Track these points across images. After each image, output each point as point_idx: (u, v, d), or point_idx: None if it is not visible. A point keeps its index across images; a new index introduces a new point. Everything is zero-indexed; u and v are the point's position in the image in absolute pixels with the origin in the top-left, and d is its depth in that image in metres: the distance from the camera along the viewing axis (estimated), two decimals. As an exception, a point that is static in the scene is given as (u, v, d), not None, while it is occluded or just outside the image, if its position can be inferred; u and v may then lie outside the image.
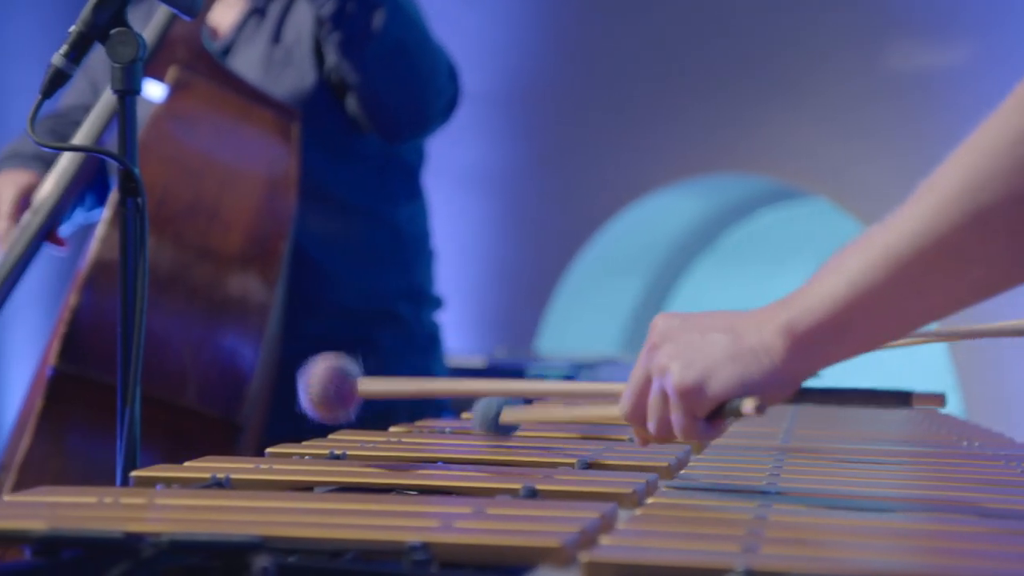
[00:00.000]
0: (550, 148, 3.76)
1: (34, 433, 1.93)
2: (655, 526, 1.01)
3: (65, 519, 0.97)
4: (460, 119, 3.80)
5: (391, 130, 2.19)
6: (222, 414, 1.98)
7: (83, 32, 1.41)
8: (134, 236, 1.45)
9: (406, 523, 1.03)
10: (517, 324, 3.73)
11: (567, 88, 3.76)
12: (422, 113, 2.18)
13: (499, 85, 3.74)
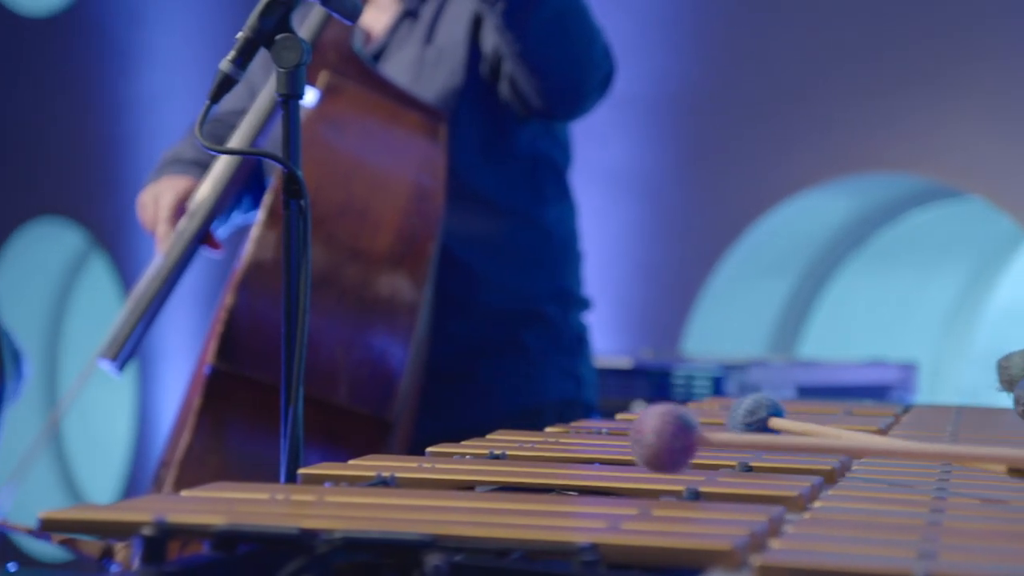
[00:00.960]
0: (697, 149, 3.73)
1: (193, 430, 1.98)
2: (826, 530, 0.99)
3: (241, 515, 1.00)
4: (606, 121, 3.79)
5: (551, 103, 2.18)
6: (373, 412, 2.01)
7: (250, 38, 1.44)
8: (297, 237, 1.48)
9: (573, 523, 1.03)
10: (663, 325, 3.71)
11: (714, 88, 3.73)
12: (581, 85, 2.18)
13: (645, 87, 3.72)
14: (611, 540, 0.92)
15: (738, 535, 0.91)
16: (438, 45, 2.24)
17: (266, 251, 1.95)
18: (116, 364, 2.11)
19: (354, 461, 1.28)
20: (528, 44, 2.11)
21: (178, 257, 2.12)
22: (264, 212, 1.98)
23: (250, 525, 0.96)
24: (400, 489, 1.17)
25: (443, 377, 2.24)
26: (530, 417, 2.31)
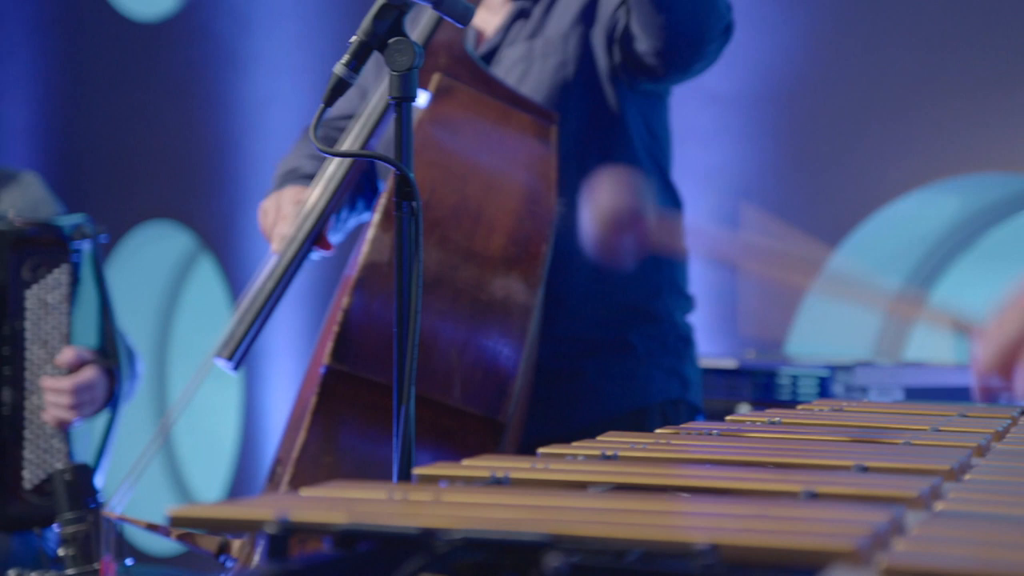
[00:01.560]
0: (802, 148, 3.70)
1: (308, 429, 2.00)
2: (951, 531, 0.98)
3: (361, 514, 1.01)
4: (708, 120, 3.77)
5: (671, 48, 2.16)
6: (487, 413, 2.02)
7: (364, 41, 1.45)
8: (409, 238, 1.49)
9: (690, 524, 1.02)
10: (766, 327, 3.68)
11: (819, 86, 3.69)
12: (704, 30, 2.16)
13: (748, 85, 3.70)
14: (731, 540, 0.91)
15: (860, 535, 0.90)
16: (546, 37, 2.25)
17: (381, 253, 1.97)
18: (232, 363, 2.15)
19: (467, 461, 1.29)
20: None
21: (292, 258, 2.15)
22: (379, 214, 2.00)
23: (371, 524, 0.97)
24: (515, 489, 1.18)
25: (549, 377, 2.25)
26: (636, 418, 2.31)
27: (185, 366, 4.74)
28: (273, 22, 4.32)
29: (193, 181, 4.55)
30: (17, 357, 2.53)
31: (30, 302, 2.54)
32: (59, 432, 2.55)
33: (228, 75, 4.42)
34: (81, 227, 2.58)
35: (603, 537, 0.95)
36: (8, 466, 2.53)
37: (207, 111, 4.48)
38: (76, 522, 2.11)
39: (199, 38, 4.48)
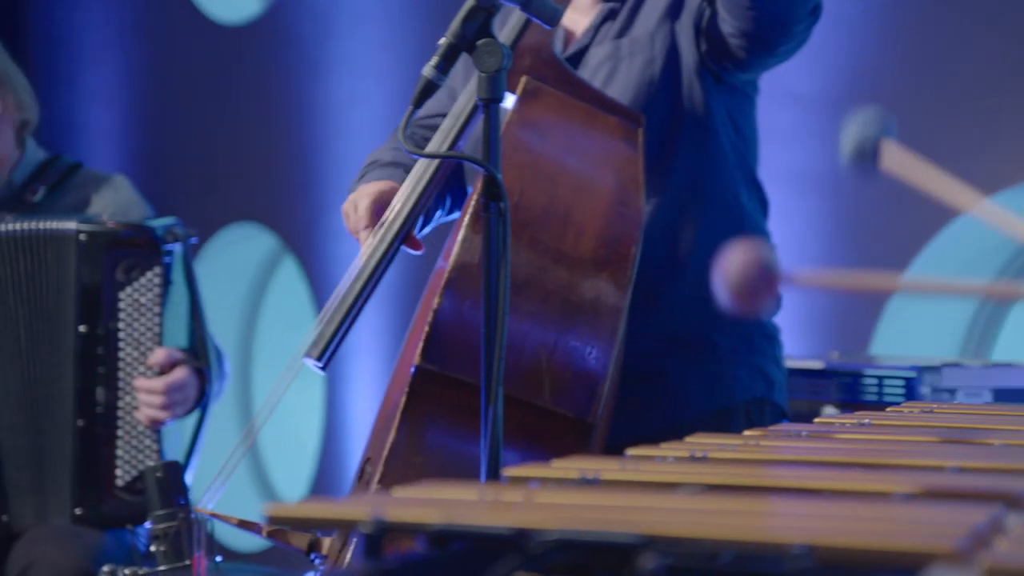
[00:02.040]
0: (886, 146, 3.65)
1: (398, 428, 2.01)
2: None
3: (455, 514, 1.01)
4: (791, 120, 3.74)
5: (760, 25, 2.15)
6: (576, 414, 2.02)
7: (452, 43, 1.46)
8: (497, 239, 1.50)
9: (784, 524, 1.02)
10: (851, 328, 3.65)
11: (903, 85, 3.65)
12: (793, 13, 2.14)
13: (832, 84, 3.67)
14: (827, 541, 0.91)
15: (960, 535, 0.89)
16: (633, 36, 2.24)
17: (471, 254, 1.98)
18: (320, 363, 2.17)
19: (557, 462, 1.29)
20: None
21: (380, 258, 2.17)
22: (470, 215, 2.01)
23: (465, 524, 0.97)
24: (605, 490, 1.18)
25: (634, 377, 2.24)
26: (720, 418, 2.30)
27: (268, 366, 4.79)
28: (355, 24, 4.35)
29: (276, 183, 4.59)
30: (111, 357, 2.57)
31: (124, 303, 2.58)
32: (151, 431, 2.59)
33: (311, 78, 4.46)
34: (173, 229, 2.61)
35: (697, 538, 0.95)
36: (102, 464, 2.58)
37: (290, 114, 4.52)
38: (167, 519, 2.14)
39: (282, 41, 4.52)
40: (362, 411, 4.29)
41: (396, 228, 2.16)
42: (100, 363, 2.56)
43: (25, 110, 2.72)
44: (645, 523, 0.99)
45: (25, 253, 2.58)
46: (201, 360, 2.62)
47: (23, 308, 2.58)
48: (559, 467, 1.27)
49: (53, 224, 2.58)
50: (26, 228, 2.58)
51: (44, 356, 2.58)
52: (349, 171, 4.49)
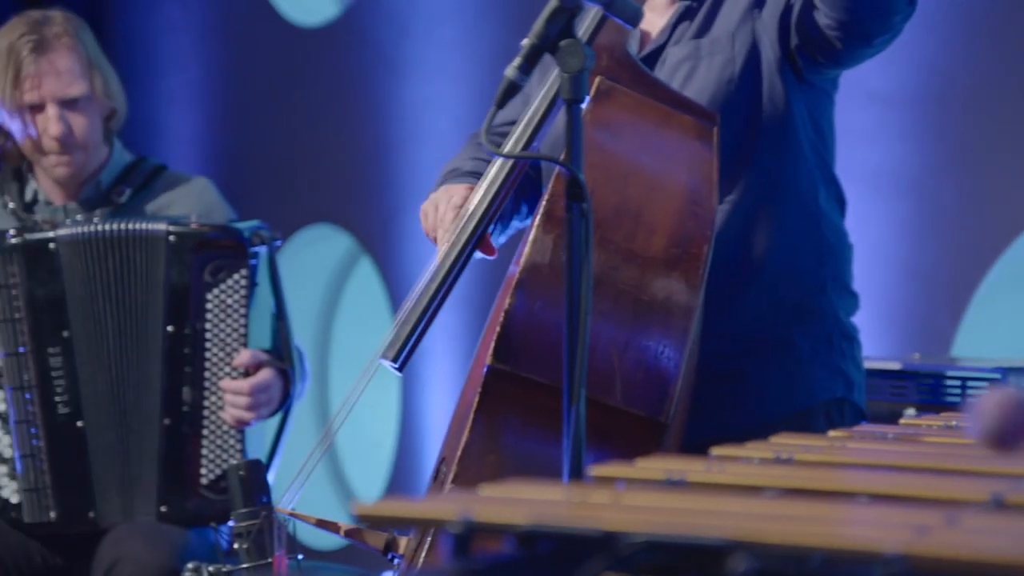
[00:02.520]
0: (967, 146, 3.61)
1: (471, 428, 2.02)
2: None
3: (543, 514, 1.01)
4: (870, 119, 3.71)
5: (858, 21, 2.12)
6: (649, 413, 2.01)
7: (535, 44, 1.46)
8: (579, 239, 1.50)
9: (874, 531, 1.01)
10: (932, 329, 3.60)
11: (984, 83, 3.60)
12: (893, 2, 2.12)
13: (911, 83, 3.63)
14: (920, 550, 0.90)
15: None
16: (713, 36, 2.23)
17: (543, 254, 1.98)
18: (397, 364, 2.18)
19: (641, 461, 1.29)
20: None
21: (455, 259, 2.18)
22: (541, 215, 2.01)
23: (554, 525, 0.97)
24: (692, 491, 1.17)
25: (711, 377, 2.23)
26: (799, 418, 2.28)
27: (344, 366, 4.82)
28: (432, 27, 4.37)
29: (353, 185, 4.62)
30: (197, 357, 2.60)
31: (211, 304, 2.60)
32: (235, 431, 2.61)
33: (387, 80, 4.48)
34: (259, 232, 2.64)
35: (787, 542, 0.95)
36: (186, 462, 2.61)
37: (366, 116, 4.55)
38: (250, 517, 2.16)
39: (359, 43, 4.55)
40: (437, 411, 4.30)
41: (471, 230, 2.17)
42: (187, 363, 2.59)
43: (113, 99, 2.75)
44: (733, 526, 0.98)
45: (114, 253, 2.62)
46: (285, 361, 2.64)
47: (112, 307, 2.62)
48: (644, 467, 1.26)
49: (143, 225, 2.61)
50: (116, 228, 2.61)
51: (132, 355, 2.61)
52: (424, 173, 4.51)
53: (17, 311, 2.60)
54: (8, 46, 2.66)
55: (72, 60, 2.67)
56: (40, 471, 2.60)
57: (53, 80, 2.65)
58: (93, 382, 2.61)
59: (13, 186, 2.74)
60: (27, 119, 2.66)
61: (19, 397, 2.60)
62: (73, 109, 2.66)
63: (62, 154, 2.67)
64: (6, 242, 2.60)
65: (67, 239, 2.61)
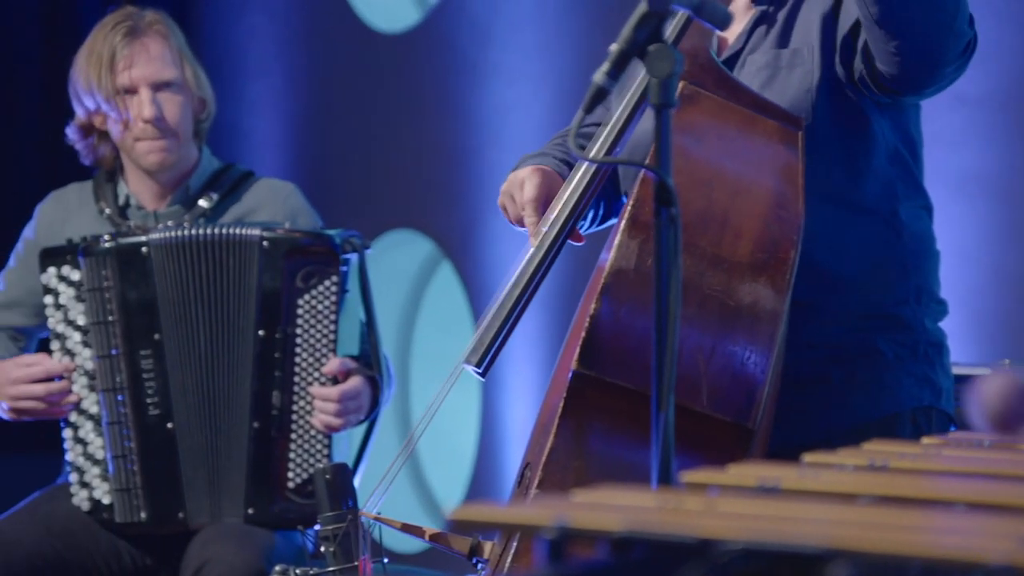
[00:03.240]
0: (1057, 150, 3.55)
1: (556, 433, 2.02)
2: None
3: (638, 521, 1.01)
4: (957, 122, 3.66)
5: (907, 70, 2.11)
6: (735, 419, 2.00)
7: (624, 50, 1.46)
8: (668, 245, 1.49)
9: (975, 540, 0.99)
10: (1022, 333, 3.55)
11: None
12: (941, 52, 2.10)
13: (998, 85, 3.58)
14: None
15: None
16: (792, 47, 2.22)
17: (629, 259, 1.98)
18: (480, 369, 2.19)
19: (733, 468, 1.28)
20: (886, 3, 2.05)
21: (538, 264, 2.18)
22: (627, 220, 2.01)
23: (649, 532, 0.97)
24: (786, 498, 1.17)
25: (795, 384, 2.22)
26: (885, 425, 2.26)
27: (425, 371, 4.84)
28: (513, 32, 4.37)
29: (433, 190, 4.64)
30: (287, 362, 2.63)
31: (302, 309, 2.63)
32: (323, 435, 2.63)
33: (468, 85, 4.50)
34: (351, 239, 2.66)
35: (886, 550, 0.93)
36: (274, 466, 2.63)
37: (447, 121, 4.57)
38: (336, 520, 2.17)
39: (440, 49, 4.57)
40: (518, 416, 4.31)
41: (554, 234, 2.17)
42: (277, 367, 2.62)
43: (203, 91, 2.80)
44: (831, 534, 0.97)
45: (207, 257, 2.65)
46: (374, 369, 2.66)
47: (203, 311, 2.65)
48: (736, 474, 1.26)
49: (237, 230, 2.65)
50: (210, 233, 2.65)
51: (223, 359, 2.64)
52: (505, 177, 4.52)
53: (110, 314, 2.64)
54: (104, 33, 2.73)
55: (164, 47, 2.73)
56: (131, 472, 2.63)
57: (145, 63, 2.71)
58: (183, 384, 2.65)
59: (108, 190, 2.79)
60: (121, 105, 2.70)
61: (111, 399, 2.64)
62: (165, 94, 2.71)
63: (155, 139, 2.72)
64: (100, 246, 2.64)
65: (159, 243, 2.65)
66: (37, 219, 2.82)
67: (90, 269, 2.64)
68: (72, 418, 2.66)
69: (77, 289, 2.66)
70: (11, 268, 2.80)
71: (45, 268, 2.66)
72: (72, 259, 2.65)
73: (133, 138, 2.73)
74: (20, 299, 2.77)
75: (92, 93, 2.71)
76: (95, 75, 2.70)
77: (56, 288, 2.66)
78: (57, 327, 2.66)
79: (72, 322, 2.67)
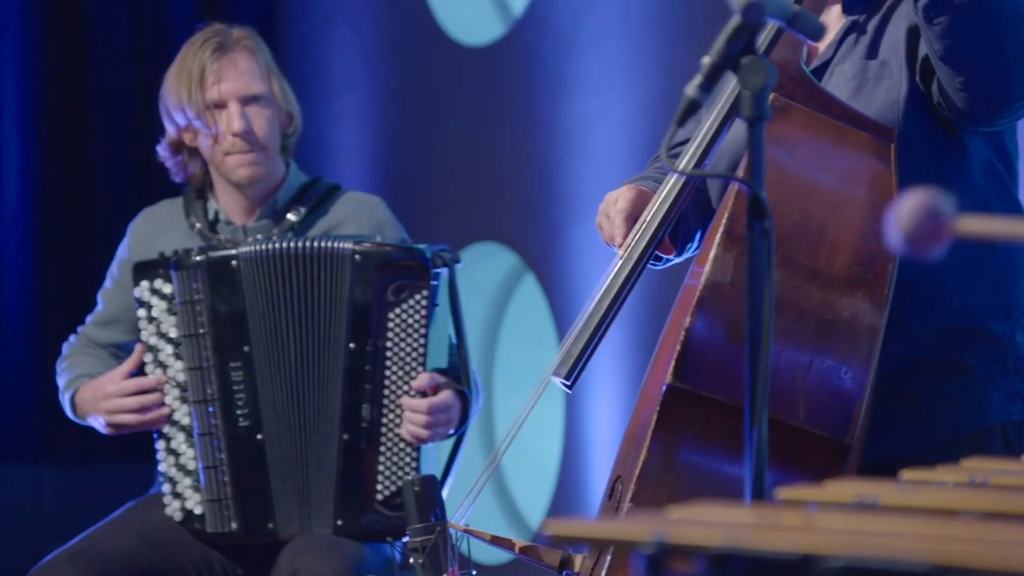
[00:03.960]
0: None
1: (648, 447, 2.01)
2: None
3: (737, 536, 1.01)
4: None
5: (975, 106, 2.10)
6: (833, 434, 1.99)
7: (717, 62, 1.46)
8: (760, 258, 1.48)
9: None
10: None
11: None
12: (1010, 88, 2.08)
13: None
14: None
15: None
16: (881, 58, 2.20)
17: (724, 272, 1.97)
18: (568, 382, 2.19)
19: (831, 484, 1.27)
20: (951, 40, 2.04)
21: (626, 276, 2.18)
22: (722, 233, 2.00)
23: (749, 548, 0.97)
24: (885, 514, 1.15)
25: (882, 397, 2.20)
26: (974, 440, 2.23)
27: (508, 382, 4.85)
28: (597, 44, 4.37)
29: (517, 202, 4.64)
30: (377, 375, 2.64)
31: (392, 323, 2.64)
32: (411, 448, 2.65)
33: (552, 97, 4.50)
34: (442, 254, 2.67)
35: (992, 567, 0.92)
36: (363, 478, 2.65)
37: (531, 133, 4.57)
38: (425, 532, 2.18)
39: (524, 61, 4.58)
40: (602, 429, 4.30)
41: (642, 246, 2.16)
42: (367, 380, 2.63)
43: (290, 106, 2.84)
44: (935, 550, 0.96)
45: (298, 270, 2.68)
46: (463, 383, 2.66)
47: (293, 323, 2.67)
48: (833, 490, 1.25)
49: (329, 243, 2.67)
50: (301, 246, 2.67)
51: (312, 370, 2.67)
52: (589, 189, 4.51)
53: (201, 327, 2.68)
54: (193, 50, 2.77)
55: (252, 62, 2.77)
56: (222, 483, 2.66)
57: (234, 77, 2.74)
58: (272, 396, 2.67)
59: (198, 206, 2.83)
60: (211, 120, 2.74)
61: (203, 410, 2.67)
62: (253, 108, 2.75)
63: (245, 153, 2.75)
64: (191, 259, 2.68)
65: (248, 256, 2.68)
66: (130, 236, 2.87)
67: (181, 282, 2.68)
68: (164, 429, 2.70)
69: (169, 302, 2.69)
70: (107, 288, 2.86)
71: (138, 282, 2.71)
72: (164, 273, 2.69)
73: (223, 152, 2.76)
74: (117, 316, 2.82)
75: (183, 109, 2.75)
76: (185, 91, 2.74)
77: (149, 301, 2.70)
78: (150, 340, 2.70)
79: (164, 335, 2.70)
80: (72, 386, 2.77)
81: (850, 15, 2.24)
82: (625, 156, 4.73)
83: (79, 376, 2.78)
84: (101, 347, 2.84)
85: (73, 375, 2.79)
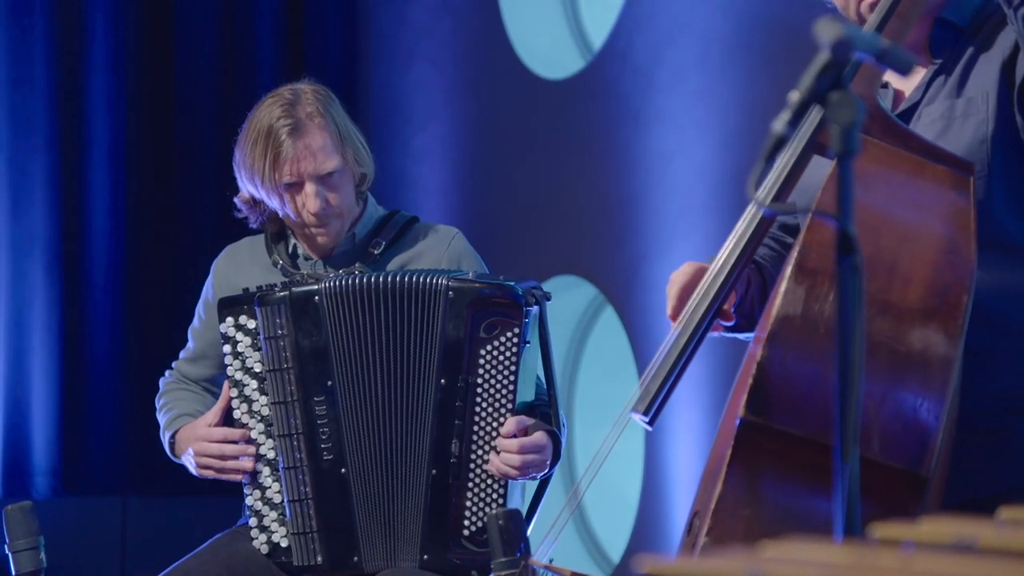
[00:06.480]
0: None
1: (724, 481, 2.01)
2: None
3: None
4: None
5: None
6: (908, 466, 1.98)
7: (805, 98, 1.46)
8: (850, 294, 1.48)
9: None
10: None
11: None
12: None
13: None
14: None
15: None
16: (967, 95, 2.20)
17: (795, 305, 1.97)
18: (647, 417, 2.18)
19: (927, 522, 1.26)
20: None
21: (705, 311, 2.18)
22: (793, 267, 2.00)
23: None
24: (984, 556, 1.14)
25: (974, 434, 2.18)
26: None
27: (588, 416, 4.84)
28: (676, 78, 4.38)
29: (597, 236, 4.65)
30: (468, 411, 2.64)
31: (483, 359, 2.65)
32: (499, 485, 2.65)
33: (631, 131, 4.51)
34: (533, 291, 2.68)
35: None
36: (451, 513, 2.65)
37: (610, 167, 4.58)
38: (509, 567, 2.18)
39: (603, 95, 4.59)
40: (682, 463, 4.27)
41: (721, 281, 2.16)
42: (457, 416, 2.64)
43: (364, 165, 2.84)
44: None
45: (385, 304, 2.69)
46: (552, 422, 2.66)
47: (380, 357, 2.68)
48: (929, 528, 1.23)
49: (423, 278, 2.68)
50: (390, 281, 2.68)
51: (400, 405, 2.68)
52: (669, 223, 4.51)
53: (285, 361, 2.70)
54: (267, 130, 2.73)
55: (325, 138, 2.74)
56: (307, 516, 2.68)
57: (309, 160, 2.73)
58: (357, 430, 2.69)
59: (280, 244, 2.86)
60: (285, 197, 2.76)
61: (287, 444, 2.69)
62: (328, 183, 2.75)
63: (320, 226, 2.77)
64: (274, 295, 2.71)
65: (331, 291, 2.70)
66: (214, 274, 2.90)
67: (265, 318, 2.70)
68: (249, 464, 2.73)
69: (253, 337, 2.72)
70: (195, 326, 2.90)
71: (223, 318, 2.74)
72: (248, 308, 2.72)
73: (299, 226, 2.79)
74: (205, 352, 2.86)
75: (256, 186, 2.76)
76: (259, 170, 2.74)
77: (234, 336, 2.74)
78: (235, 375, 2.73)
79: (249, 370, 2.73)
80: (172, 427, 2.82)
81: (937, 57, 2.24)
82: (704, 190, 4.73)
83: (180, 415, 2.82)
84: (193, 382, 2.88)
85: (173, 415, 2.83)
